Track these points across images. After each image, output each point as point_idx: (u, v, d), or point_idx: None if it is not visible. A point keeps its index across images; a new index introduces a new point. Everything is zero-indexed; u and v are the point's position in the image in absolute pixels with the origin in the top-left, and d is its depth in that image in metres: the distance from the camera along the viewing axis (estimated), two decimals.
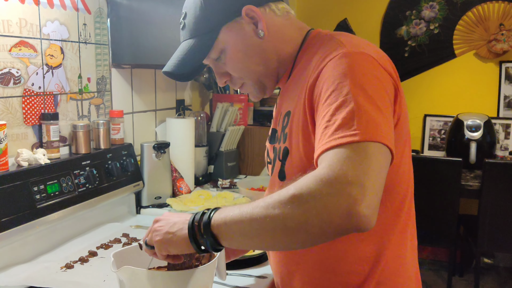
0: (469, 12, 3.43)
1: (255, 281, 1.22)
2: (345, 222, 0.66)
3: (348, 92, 0.75)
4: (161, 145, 1.84)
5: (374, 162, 0.70)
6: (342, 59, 0.79)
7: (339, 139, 0.71)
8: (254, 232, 0.73)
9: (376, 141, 0.71)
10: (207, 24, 0.92)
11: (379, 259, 0.89)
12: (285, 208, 0.69)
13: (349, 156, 0.69)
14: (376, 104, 0.75)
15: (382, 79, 0.80)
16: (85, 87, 1.67)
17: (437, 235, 2.85)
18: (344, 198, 0.66)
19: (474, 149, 3.09)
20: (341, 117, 0.73)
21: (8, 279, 1.18)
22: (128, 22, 1.76)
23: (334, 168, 0.69)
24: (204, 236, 0.78)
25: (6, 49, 1.35)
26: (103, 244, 1.43)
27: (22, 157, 1.35)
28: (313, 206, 0.67)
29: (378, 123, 0.73)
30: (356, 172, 0.68)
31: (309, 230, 0.68)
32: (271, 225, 0.71)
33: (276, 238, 0.72)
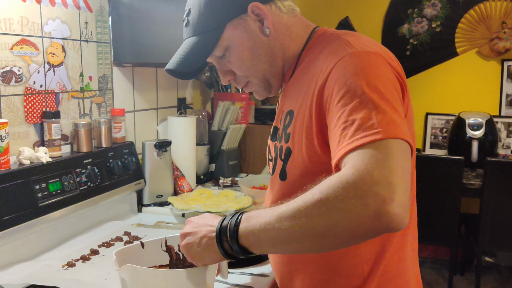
0: (471, 10, 3.42)
1: (256, 279, 1.22)
2: (376, 223, 0.65)
3: (362, 92, 0.74)
4: (163, 143, 1.84)
5: (399, 159, 0.69)
6: (351, 59, 0.79)
7: (361, 139, 0.71)
8: (283, 240, 0.73)
9: (397, 137, 0.71)
10: (211, 21, 0.90)
11: (380, 261, 0.88)
12: (312, 214, 0.69)
13: (373, 155, 0.68)
14: (391, 103, 0.75)
15: (392, 78, 0.80)
16: (86, 86, 1.67)
17: (439, 233, 2.85)
18: (372, 199, 0.65)
19: (476, 148, 3.09)
20: (360, 117, 0.72)
21: (10, 277, 1.19)
22: (130, 21, 1.75)
23: (359, 168, 0.67)
24: (234, 249, 0.79)
25: (7, 48, 1.35)
26: (105, 243, 1.43)
27: (23, 155, 1.35)
28: (341, 210, 0.66)
29: (396, 121, 0.73)
30: (382, 171, 0.66)
31: (339, 234, 0.68)
32: (300, 233, 0.70)
33: (306, 244, 0.72)
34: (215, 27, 0.90)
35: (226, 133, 2.28)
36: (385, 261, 0.88)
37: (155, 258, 1.08)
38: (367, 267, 0.88)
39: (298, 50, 0.95)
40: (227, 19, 0.90)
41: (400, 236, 0.90)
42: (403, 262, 0.92)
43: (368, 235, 0.68)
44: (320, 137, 0.82)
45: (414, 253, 0.97)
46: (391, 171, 0.67)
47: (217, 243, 0.81)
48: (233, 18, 0.90)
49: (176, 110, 2.25)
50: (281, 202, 0.76)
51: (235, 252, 0.79)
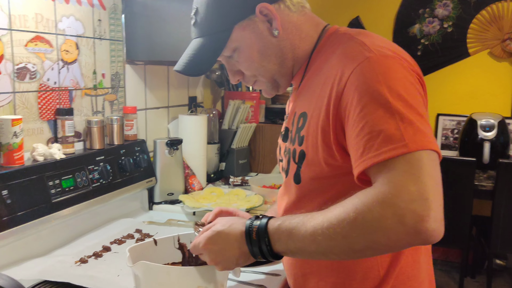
0: (483, 10, 3.39)
1: (268, 278, 1.22)
2: (414, 239, 0.67)
3: (386, 101, 0.72)
4: (174, 141, 1.84)
5: (431, 171, 0.69)
6: (370, 65, 0.76)
7: (390, 151, 0.69)
8: (320, 256, 0.76)
9: (426, 148, 0.70)
10: (219, 22, 0.89)
11: (395, 264, 0.88)
12: (350, 235, 0.69)
13: (405, 170, 0.68)
14: (416, 110, 0.73)
15: (414, 82, 0.78)
16: (99, 83, 1.68)
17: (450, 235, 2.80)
18: (410, 217, 0.65)
19: (487, 149, 3.06)
20: (386, 128, 0.71)
21: (23, 272, 1.19)
22: (142, 19, 1.76)
23: (394, 185, 0.67)
24: (267, 259, 0.81)
25: (22, 44, 1.36)
26: (117, 239, 1.43)
27: (37, 151, 1.36)
28: (379, 228, 0.67)
29: (422, 129, 0.72)
30: (417, 187, 0.66)
31: (377, 249, 0.70)
32: (338, 250, 0.72)
33: (344, 258, 0.77)
34: (223, 28, 0.89)
35: (236, 132, 2.28)
36: (400, 264, 0.88)
37: (168, 255, 1.08)
38: (383, 270, 0.87)
39: (308, 50, 0.93)
40: (235, 20, 0.88)
41: None
42: (417, 264, 0.91)
43: (405, 247, 0.71)
44: (336, 143, 0.81)
45: (428, 255, 0.96)
46: (425, 186, 0.67)
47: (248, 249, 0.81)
48: (242, 19, 0.88)
49: (187, 109, 2.25)
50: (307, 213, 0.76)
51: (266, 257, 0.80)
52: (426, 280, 0.94)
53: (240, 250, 0.82)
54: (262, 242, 0.78)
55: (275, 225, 0.78)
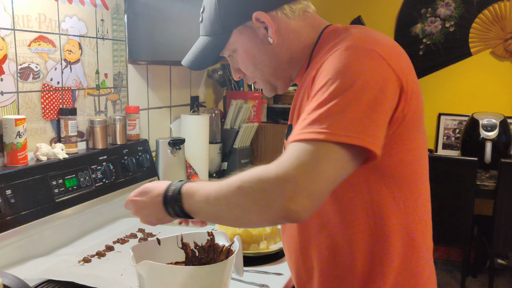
0: (485, 10, 3.39)
1: (271, 277, 1.22)
2: (279, 215, 0.73)
3: (335, 89, 0.74)
4: (176, 141, 1.85)
5: (325, 164, 0.72)
6: (343, 53, 0.78)
7: (306, 134, 0.73)
8: (215, 218, 0.85)
9: (344, 142, 0.71)
10: (219, 25, 0.93)
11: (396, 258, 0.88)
12: (229, 198, 0.78)
13: (303, 153, 0.72)
14: (361, 104, 0.74)
15: (382, 77, 0.78)
16: (102, 83, 1.69)
17: (451, 235, 2.83)
18: (276, 196, 0.72)
19: (489, 149, 3.05)
20: (319, 113, 0.74)
21: (27, 271, 1.19)
22: (145, 19, 1.76)
23: (279, 164, 0.73)
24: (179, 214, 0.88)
25: (25, 44, 1.36)
26: (120, 239, 1.44)
27: (41, 151, 1.36)
28: (253, 200, 0.75)
29: (352, 125, 0.73)
30: (297, 172, 0.71)
31: (251, 218, 0.77)
32: (222, 212, 0.81)
33: (225, 220, 0.84)
34: (222, 31, 0.93)
35: (238, 131, 2.28)
36: (402, 258, 0.88)
37: (171, 254, 1.08)
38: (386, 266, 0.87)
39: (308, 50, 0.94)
40: (233, 25, 0.92)
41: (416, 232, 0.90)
42: (420, 260, 0.91)
43: (273, 223, 0.77)
44: None
45: (430, 252, 0.97)
46: (306, 173, 0.71)
47: (163, 204, 0.89)
48: (240, 25, 0.92)
49: (189, 108, 2.25)
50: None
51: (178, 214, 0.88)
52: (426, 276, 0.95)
53: (158, 206, 0.89)
54: (175, 199, 0.86)
55: (188, 186, 0.86)
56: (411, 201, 0.89)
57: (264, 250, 1.32)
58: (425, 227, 0.92)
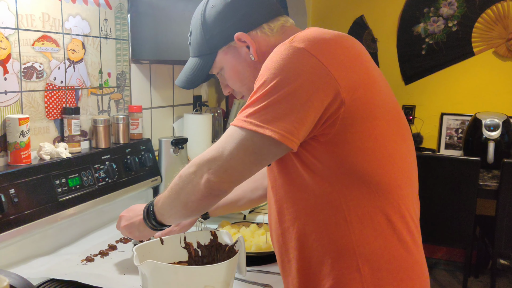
0: (488, 9, 3.38)
1: (274, 277, 1.22)
2: (206, 188, 0.89)
3: (263, 82, 0.84)
4: (179, 140, 1.85)
5: (241, 149, 0.84)
6: (276, 51, 0.86)
7: (236, 120, 0.86)
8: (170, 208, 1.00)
9: (258, 132, 0.82)
10: (205, 47, 1.02)
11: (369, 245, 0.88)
12: (177, 186, 0.96)
13: (224, 140, 0.87)
14: (281, 97, 0.82)
15: (308, 72, 0.82)
16: (105, 82, 1.69)
17: (453, 235, 2.83)
18: (205, 170, 0.88)
19: (492, 149, 3.05)
20: (247, 104, 0.86)
21: (30, 270, 1.20)
22: (148, 18, 1.76)
23: (212, 148, 0.89)
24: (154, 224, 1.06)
25: (29, 43, 1.36)
26: (122, 238, 1.44)
27: (44, 150, 1.36)
28: (188, 181, 0.92)
29: (277, 117, 0.82)
30: (221, 152, 0.86)
31: (191, 198, 0.93)
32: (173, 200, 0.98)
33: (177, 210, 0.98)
34: (208, 52, 1.02)
35: None
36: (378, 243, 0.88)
37: (174, 254, 1.08)
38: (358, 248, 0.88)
39: None
40: (218, 47, 1.01)
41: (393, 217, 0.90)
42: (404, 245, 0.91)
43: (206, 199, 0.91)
44: None
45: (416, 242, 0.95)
46: (229, 155, 0.85)
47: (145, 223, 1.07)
48: (224, 45, 1.00)
49: (192, 108, 2.26)
50: None
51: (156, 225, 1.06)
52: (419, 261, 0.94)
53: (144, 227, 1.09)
54: (151, 218, 1.05)
55: (156, 199, 1.05)
56: (379, 191, 0.89)
57: (267, 249, 1.32)
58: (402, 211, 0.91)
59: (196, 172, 0.89)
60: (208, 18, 1.00)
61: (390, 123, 0.91)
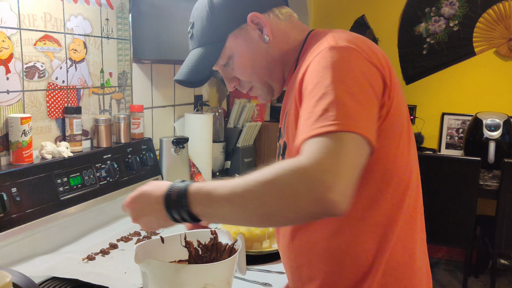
0: (490, 9, 3.38)
1: (274, 276, 1.23)
2: (316, 207, 0.70)
3: (329, 84, 0.78)
4: (180, 140, 1.86)
5: (348, 152, 0.73)
6: (327, 53, 0.82)
7: (319, 128, 0.75)
8: (233, 216, 0.78)
9: (352, 131, 0.74)
10: (214, 33, 0.95)
11: (383, 250, 0.89)
12: (262, 195, 0.73)
13: (325, 145, 0.72)
14: (356, 97, 0.77)
15: (367, 73, 0.82)
16: (106, 82, 1.70)
17: (454, 235, 2.83)
18: (318, 185, 0.69)
19: (492, 149, 3.05)
20: (322, 108, 0.76)
21: (31, 269, 1.21)
22: (149, 18, 1.77)
23: (310, 156, 0.72)
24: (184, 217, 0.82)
25: (31, 43, 1.37)
26: (123, 237, 1.45)
27: (46, 149, 1.37)
28: (290, 194, 0.71)
29: (356, 114, 0.76)
30: (330, 161, 0.71)
31: (284, 215, 0.73)
32: (249, 211, 0.75)
33: (252, 220, 0.78)
34: (218, 38, 0.95)
35: (241, 130, 2.29)
36: (389, 250, 0.89)
37: (174, 253, 1.09)
38: (371, 257, 0.89)
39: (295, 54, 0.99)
40: (228, 30, 0.95)
41: (404, 225, 0.91)
42: (409, 251, 0.92)
43: (309, 216, 0.73)
44: None
45: (422, 244, 0.97)
46: (339, 161, 0.71)
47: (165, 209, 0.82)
48: (234, 29, 0.95)
49: (193, 107, 2.26)
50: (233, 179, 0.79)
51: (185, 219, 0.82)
52: (423, 268, 0.96)
53: (159, 211, 0.84)
54: (181, 203, 0.80)
55: (196, 187, 0.80)
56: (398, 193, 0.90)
57: (267, 249, 1.33)
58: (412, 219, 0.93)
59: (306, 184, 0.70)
60: (217, 1, 0.95)
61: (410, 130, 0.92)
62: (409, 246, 0.92)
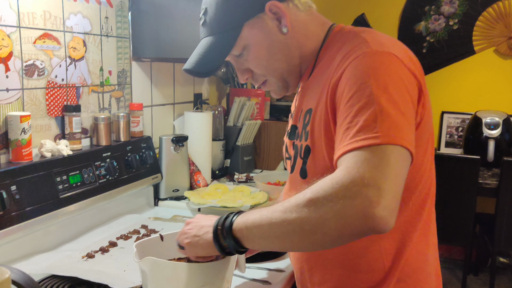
0: (490, 8, 3.38)
1: (272, 274, 1.23)
2: (362, 224, 0.67)
3: (370, 93, 0.74)
4: (180, 138, 1.86)
5: (393, 165, 0.70)
6: (365, 59, 0.79)
7: (361, 141, 0.72)
8: (273, 235, 0.76)
9: (397, 144, 0.72)
10: (229, 20, 0.90)
11: (400, 256, 0.88)
12: (302, 212, 0.71)
13: (367, 159, 0.70)
14: (399, 107, 0.75)
15: (406, 80, 0.79)
16: (106, 80, 1.70)
17: (453, 233, 2.83)
18: (360, 201, 0.66)
19: (492, 147, 3.05)
20: (363, 119, 0.73)
21: (31, 266, 1.21)
22: (149, 16, 1.77)
23: (351, 170, 0.69)
24: (227, 240, 0.82)
25: (30, 41, 1.37)
26: (123, 235, 1.45)
27: (45, 148, 1.37)
28: (330, 209, 0.68)
29: (400, 126, 0.73)
30: (373, 175, 0.68)
31: (327, 232, 0.70)
32: (289, 228, 0.73)
33: (294, 240, 0.74)
34: (233, 26, 0.90)
35: (241, 128, 2.29)
36: (405, 256, 0.89)
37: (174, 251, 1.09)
38: (388, 262, 0.88)
39: (315, 49, 0.94)
40: (244, 19, 0.89)
41: (421, 231, 0.91)
42: (424, 257, 0.92)
43: (354, 235, 0.70)
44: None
45: (435, 249, 0.97)
46: (382, 176, 0.68)
47: (213, 233, 0.84)
48: (251, 17, 0.89)
49: (193, 106, 2.26)
50: None
51: (228, 243, 0.82)
52: (433, 273, 0.95)
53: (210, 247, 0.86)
54: (231, 245, 0.82)
55: (240, 222, 0.81)
56: (419, 200, 0.89)
57: None
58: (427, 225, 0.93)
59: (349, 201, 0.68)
60: None
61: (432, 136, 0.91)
62: (423, 252, 0.92)
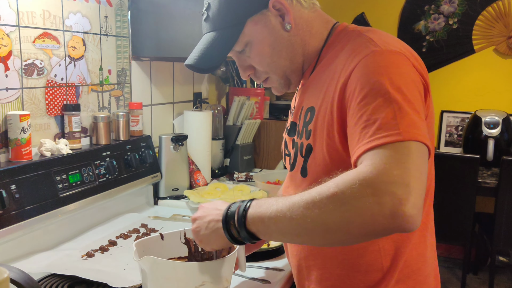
0: (489, 7, 3.38)
1: (271, 273, 1.23)
2: (390, 222, 0.65)
3: (386, 91, 0.74)
4: (179, 137, 1.86)
5: (416, 161, 0.69)
6: (375, 57, 0.78)
7: (382, 138, 0.70)
8: (293, 231, 0.73)
9: (418, 140, 0.71)
10: (232, 16, 0.89)
11: (399, 256, 0.89)
12: (326, 208, 0.68)
13: (392, 155, 0.68)
14: (413, 104, 0.75)
15: (415, 79, 0.79)
16: (105, 79, 1.70)
17: (452, 232, 2.84)
18: (389, 198, 0.65)
19: (491, 146, 3.06)
20: (382, 117, 0.72)
21: (31, 266, 1.21)
22: (148, 15, 1.77)
23: (377, 167, 0.67)
24: (241, 235, 0.80)
25: (30, 41, 1.37)
26: (122, 234, 1.45)
27: (45, 147, 1.37)
28: (356, 206, 0.66)
29: (417, 123, 0.73)
30: (400, 172, 0.66)
31: (351, 230, 0.68)
32: (312, 225, 0.70)
33: (316, 237, 0.72)
34: (236, 22, 0.90)
35: (241, 128, 2.29)
36: (405, 257, 0.89)
37: (174, 250, 1.09)
38: (387, 263, 0.88)
39: (318, 47, 0.94)
40: (248, 15, 0.89)
41: (419, 232, 0.91)
42: (422, 257, 0.92)
43: (380, 233, 0.68)
44: (341, 135, 0.82)
45: (433, 249, 0.97)
46: (408, 172, 0.67)
47: (223, 227, 0.82)
48: (254, 14, 0.89)
49: (192, 105, 2.26)
50: None
51: (242, 237, 0.80)
52: (432, 274, 0.95)
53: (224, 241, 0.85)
54: (241, 204, 0.81)
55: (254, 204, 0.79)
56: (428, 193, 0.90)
57: (266, 246, 1.33)
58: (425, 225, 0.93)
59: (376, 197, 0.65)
60: None
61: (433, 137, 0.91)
62: (422, 252, 0.92)
